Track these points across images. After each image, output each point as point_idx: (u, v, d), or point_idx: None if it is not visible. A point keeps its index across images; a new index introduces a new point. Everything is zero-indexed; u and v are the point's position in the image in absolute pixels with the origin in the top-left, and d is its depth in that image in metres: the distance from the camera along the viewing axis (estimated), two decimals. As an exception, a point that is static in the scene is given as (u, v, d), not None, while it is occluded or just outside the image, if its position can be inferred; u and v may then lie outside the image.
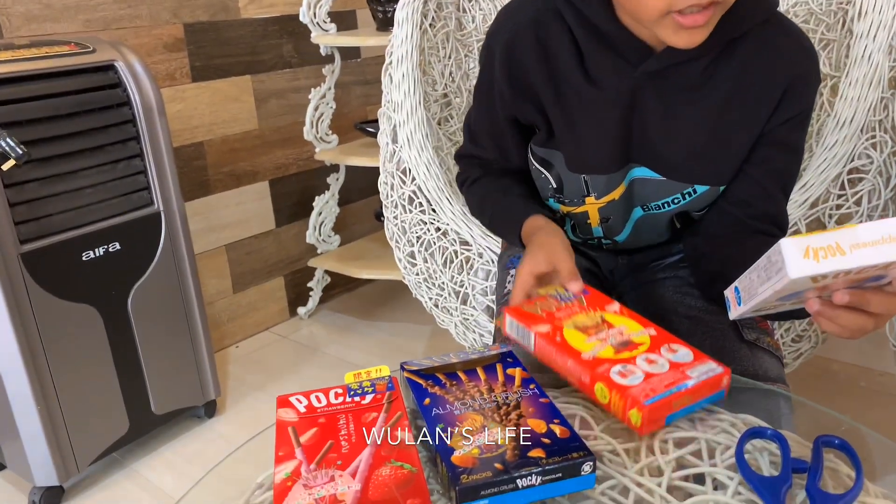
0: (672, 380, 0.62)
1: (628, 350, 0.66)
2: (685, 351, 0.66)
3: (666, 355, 0.65)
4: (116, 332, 1.50)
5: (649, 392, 0.60)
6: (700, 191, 0.83)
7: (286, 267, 2.21)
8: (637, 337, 0.68)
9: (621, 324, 0.70)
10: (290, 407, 0.65)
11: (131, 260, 1.51)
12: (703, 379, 0.62)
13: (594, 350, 0.66)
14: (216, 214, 1.99)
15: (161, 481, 1.54)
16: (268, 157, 2.09)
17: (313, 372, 1.96)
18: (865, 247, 0.49)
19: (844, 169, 1.16)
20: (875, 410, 1.63)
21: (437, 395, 0.64)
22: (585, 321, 0.71)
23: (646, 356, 0.65)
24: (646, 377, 0.62)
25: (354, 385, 0.67)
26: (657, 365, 0.64)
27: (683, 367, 0.63)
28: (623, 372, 0.63)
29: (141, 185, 1.52)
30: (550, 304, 0.74)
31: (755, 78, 0.77)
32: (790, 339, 1.20)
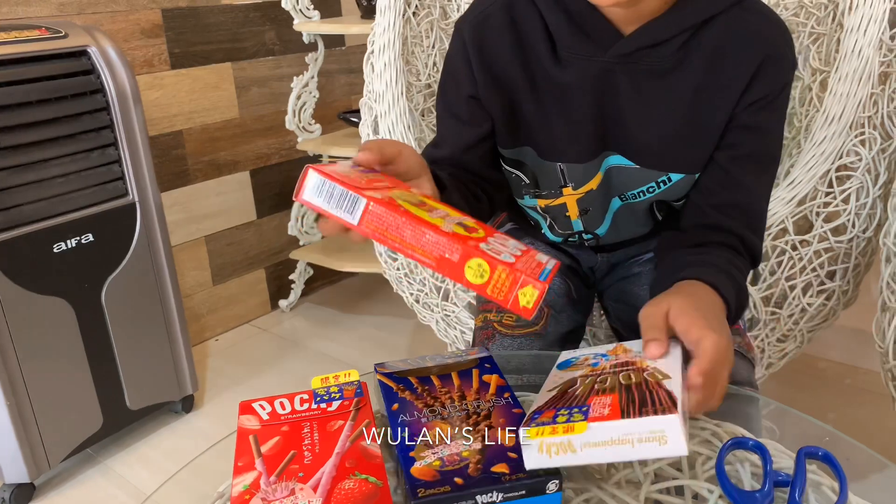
0: (537, 262, 0.54)
1: (473, 232, 0.56)
2: (513, 242, 0.57)
3: (505, 243, 0.56)
4: (89, 326, 1.46)
5: (535, 268, 0.53)
6: (675, 179, 0.81)
7: (267, 259, 2.17)
8: (468, 221, 0.58)
9: (440, 207, 0.59)
10: (252, 413, 0.62)
11: (105, 252, 1.47)
12: (554, 264, 0.57)
13: (446, 225, 0.54)
14: (195, 205, 1.95)
15: (136, 478, 1.51)
16: (249, 146, 2.05)
17: (294, 366, 1.93)
18: (596, 447, 0.49)
19: (833, 166, 1.14)
20: (860, 408, 1.62)
21: (407, 401, 0.62)
22: (408, 197, 0.57)
23: (494, 239, 0.56)
24: (514, 257, 0.54)
25: (321, 390, 0.64)
26: (508, 248, 0.55)
27: (526, 253, 0.56)
28: (493, 249, 0.53)
29: (115, 174, 1.47)
30: (355, 174, 0.57)
31: (727, 60, 0.74)
32: (775, 338, 1.19)
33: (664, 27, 0.73)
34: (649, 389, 0.53)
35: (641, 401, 0.51)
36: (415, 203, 0.56)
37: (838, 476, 0.56)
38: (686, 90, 0.76)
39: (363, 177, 0.57)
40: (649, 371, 0.56)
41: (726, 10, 0.74)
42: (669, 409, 0.49)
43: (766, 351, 1.19)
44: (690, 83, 0.75)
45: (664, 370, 0.56)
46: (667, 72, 0.75)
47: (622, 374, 0.57)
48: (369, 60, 1.35)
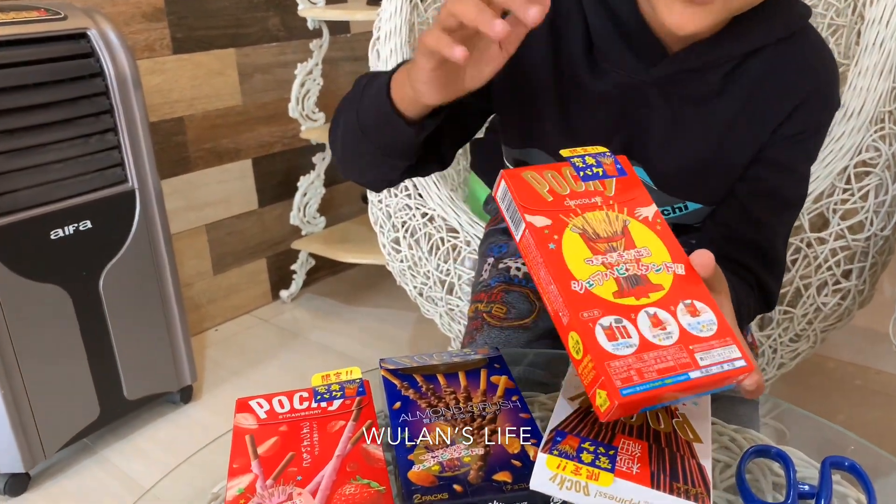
0: (673, 363, 0.46)
1: (636, 293, 0.49)
2: (710, 316, 0.49)
3: (682, 317, 0.49)
4: (87, 315, 1.43)
5: (633, 376, 0.45)
6: (691, 207, 0.77)
7: (269, 248, 2.15)
8: (657, 274, 0.51)
9: (645, 244, 0.52)
10: (249, 412, 0.59)
11: (103, 239, 1.44)
12: (714, 373, 0.46)
13: (592, 279, 0.50)
14: (196, 193, 1.92)
15: (132, 469, 1.48)
16: (251, 134, 2.01)
17: (295, 358, 1.90)
18: (612, 500, 0.46)
19: (851, 162, 1.10)
20: (871, 410, 1.59)
21: (410, 400, 0.59)
22: (601, 224, 0.53)
23: (655, 310, 0.48)
24: (640, 346, 0.46)
25: (322, 388, 0.61)
26: (664, 331, 0.48)
27: (697, 344, 0.47)
28: (613, 328, 0.47)
29: (114, 160, 1.44)
30: (565, 181, 0.55)
31: (770, 93, 0.70)
32: (788, 338, 1.16)
33: (712, 52, 0.67)
34: (680, 452, 0.50)
35: (672, 469, 0.48)
36: (595, 234, 0.52)
37: (866, 488, 0.53)
38: (721, 120, 0.71)
39: (576, 184, 0.56)
40: (679, 419, 0.53)
41: (778, 42, 0.69)
42: (702, 496, 0.46)
43: (777, 351, 1.16)
44: (727, 114, 0.71)
45: (693, 422, 0.53)
46: (705, 99, 0.71)
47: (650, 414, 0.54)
48: (375, 47, 1.32)
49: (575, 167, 0.56)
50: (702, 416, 0.55)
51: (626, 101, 0.71)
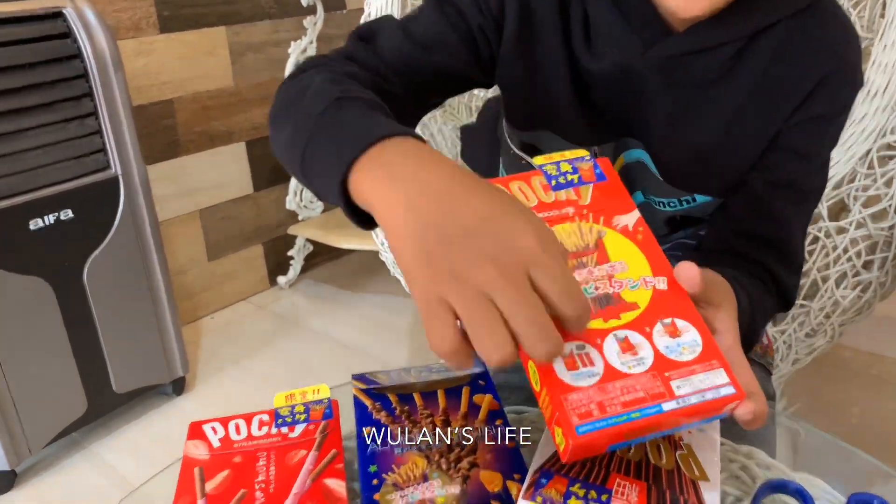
0: (643, 393, 0.40)
1: (605, 314, 0.43)
2: (693, 336, 0.42)
3: (659, 339, 0.42)
4: (71, 307, 1.38)
5: (593, 410, 0.39)
6: (700, 200, 0.70)
7: (265, 234, 2.09)
8: (632, 291, 0.44)
9: (622, 257, 0.46)
10: (201, 438, 0.53)
11: (86, 229, 1.39)
12: (693, 403, 0.40)
13: None
14: (188, 178, 1.86)
15: (122, 465, 1.44)
16: (244, 116, 1.94)
17: (293, 346, 1.85)
18: None
19: (874, 145, 1.02)
20: (888, 402, 1.53)
21: (382, 425, 0.53)
22: (571, 237, 0.47)
23: (626, 333, 0.42)
24: (604, 376, 0.40)
25: (284, 410, 0.55)
26: (634, 357, 0.41)
27: (675, 370, 0.41)
28: (574, 356, 0.41)
29: (96, 146, 1.38)
30: (533, 192, 0.49)
31: (785, 73, 0.62)
32: (804, 333, 1.09)
33: (719, 31, 0.60)
34: (684, 495, 0.44)
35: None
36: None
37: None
38: (730, 105, 0.64)
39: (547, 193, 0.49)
40: (683, 451, 0.47)
41: (792, 15, 0.61)
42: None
43: (792, 347, 1.09)
44: (737, 98, 0.63)
45: (700, 454, 0.47)
46: (712, 83, 0.63)
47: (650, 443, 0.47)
48: (365, 24, 1.24)
49: (546, 175, 0.50)
50: (710, 447, 0.48)
51: (626, 84, 0.64)
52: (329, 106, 0.52)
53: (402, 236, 0.40)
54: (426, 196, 0.41)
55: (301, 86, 0.57)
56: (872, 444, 1.39)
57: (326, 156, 0.49)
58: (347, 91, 0.54)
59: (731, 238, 0.67)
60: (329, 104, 0.52)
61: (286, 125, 0.55)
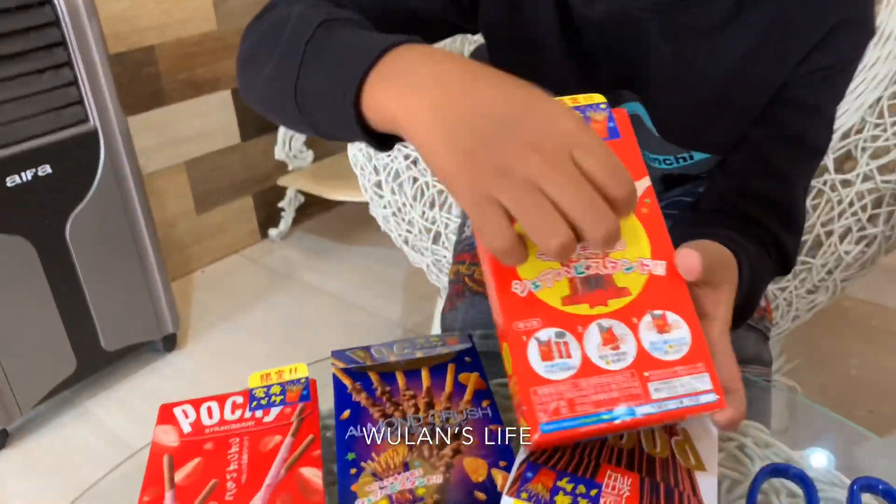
0: (617, 393, 0.37)
1: (591, 299, 0.40)
2: (682, 334, 0.39)
3: (645, 333, 0.39)
4: (54, 266, 1.35)
5: (562, 408, 0.37)
6: (697, 157, 0.65)
7: (255, 185, 2.04)
8: (626, 275, 0.41)
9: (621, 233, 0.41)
10: (172, 423, 0.50)
11: (66, 184, 1.34)
12: (670, 409, 0.37)
13: (540, 278, 0.40)
14: (173, 128, 1.80)
15: (114, 422, 1.43)
16: (230, 62, 1.87)
17: (286, 301, 1.83)
18: None
19: (885, 93, 0.97)
20: (888, 353, 1.51)
21: (361, 407, 0.50)
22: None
23: (611, 323, 0.39)
24: (580, 370, 0.38)
25: (260, 392, 0.52)
26: (615, 351, 0.39)
27: (657, 370, 0.38)
28: (552, 344, 0.39)
29: (72, 98, 1.33)
30: None
31: (793, 20, 0.57)
32: (804, 290, 1.06)
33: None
34: (679, 487, 0.41)
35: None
36: None
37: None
38: (733, 55, 0.59)
39: None
40: (679, 437, 0.44)
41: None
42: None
43: (793, 304, 1.07)
44: (741, 46, 0.58)
45: (697, 441, 0.44)
46: (714, 29, 0.58)
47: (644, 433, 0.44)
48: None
49: None
50: (707, 433, 0.46)
51: (620, 32, 0.59)
52: (316, 31, 0.48)
53: (434, 142, 0.38)
54: (450, 95, 0.39)
55: (275, 19, 0.52)
56: (871, 396, 1.38)
57: (328, 81, 0.45)
58: (332, 13, 0.50)
59: (732, 196, 0.63)
60: (316, 28, 0.48)
61: (266, 63, 0.51)
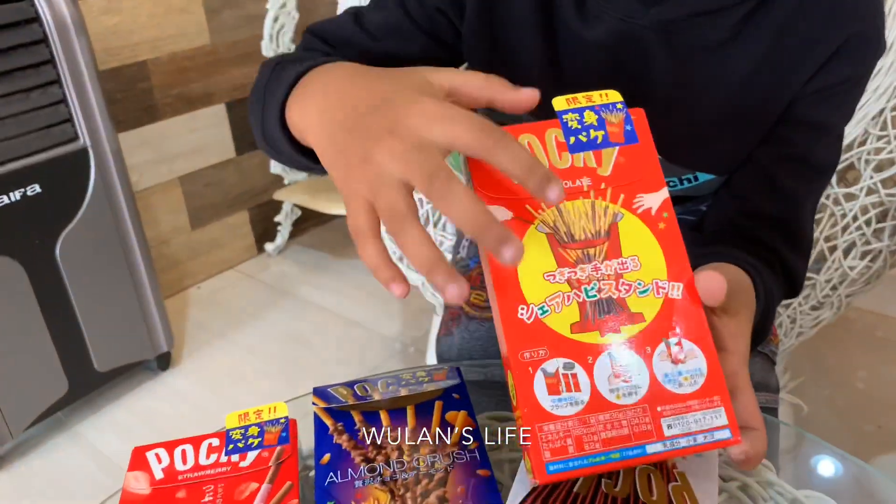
0: (628, 430, 0.35)
1: (603, 326, 0.37)
2: (698, 364, 0.37)
3: (659, 364, 0.37)
4: (45, 287, 1.33)
5: (570, 446, 0.35)
6: (703, 179, 0.63)
7: (250, 199, 2.02)
8: (640, 298, 0.38)
9: (636, 251, 0.39)
10: (143, 469, 0.48)
11: (56, 204, 1.32)
12: (682, 447, 0.35)
13: (548, 302, 0.38)
14: (167, 143, 1.78)
15: (108, 444, 1.41)
16: (223, 76, 1.85)
17: (283, 317, 1.80)
18: None
19: (888, 104, 0.95)
20: (894, 364, 1.48)
21: (343, 450, 0.47)
22: (581, 220, 0.40)
23: (624, 353, 0.37)
24: (589, 405, 0.36)
25: (237, 434, 0.50)
26: (628, 384, 0.36)
27: (670, 405, 0.36)
28: (560, 376, 0.36)
29: (61, 116, 1.31)
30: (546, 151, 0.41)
31: (800, 36, 0.55)
32: (809, 307, 1.03)
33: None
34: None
35: None
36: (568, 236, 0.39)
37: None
38: (738, 72, 0.57)
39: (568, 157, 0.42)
40: (677, 482, 0.41)
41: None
42: None
43: (797, 321, 1.04)
44: (746, 64, 0.56)
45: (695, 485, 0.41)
46: (719, 47, 0.56)
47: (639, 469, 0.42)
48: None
49: (565, 128, 0.41)
50: (707, 475, 0.43)
51: (622, 51, 0.57)
52: (271, 74, 0.51)
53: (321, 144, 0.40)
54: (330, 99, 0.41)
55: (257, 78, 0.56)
56: (879, 410, 1.36)
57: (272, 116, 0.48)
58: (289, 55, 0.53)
59: (737, 218, 0.61)
60: (271, 72, 0.52)
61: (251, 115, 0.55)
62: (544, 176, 0.34)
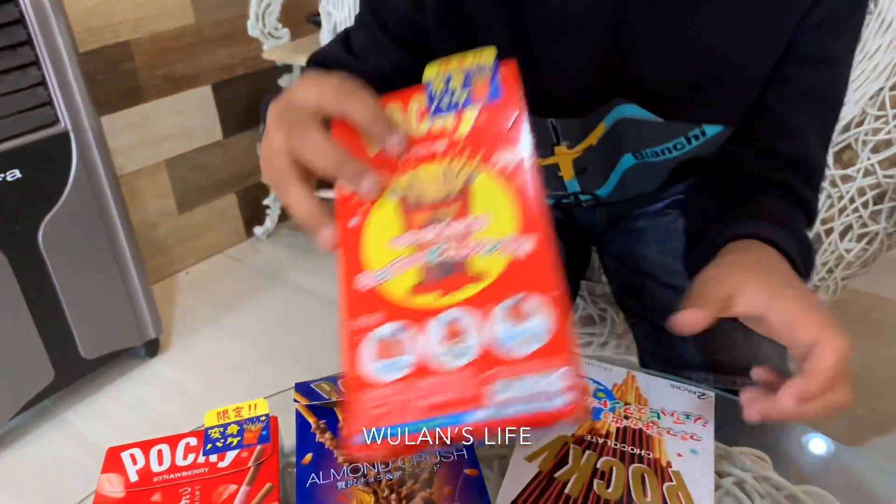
0: (454, 394, 0.32)
1: (443, 287, 0.36)
2: (541, 321, 0.33)
3: (498, 324, 0.34)
4: (27, 274, 1.30)
5: (385, 415, 0.33)
6: (710, 133, 0.62)
7: (238, 182, 1.99)
8: (486, 257, 0.36)
9: (488, 208, 0.37)
10: (118, 471, 0.46)
11: (37, 189, 1.29)
12: (509, 414, 0.32)
13: (388, 269, 0.37)
14: (152, 126, 1.74)
15: (95, 433, 1.39)
16: (209, 56, 1.81)
17: (272, 301, 1.78)
18: None
19: (887, 84, 0.93)
20: (889, 346, 1.47)
21: (325, 450, 0.46)
22: (433, 183, 0.39)
23: (460, 313, 0.35)
24: (416, 369, 0.34)
25: (216, 433, 0.48)
26: (460, 345, 0.34)
27: (503, 366, 0.33)
28: (391, 341, 0.35)
29: (41, 99, 1.27)
30: (407, 118, 0.41)
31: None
32: (804, 290, 1.02)
33: None
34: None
35: None
36: (418, 200, 0.38)
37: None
38: (729, 17, 0.55)
39: (423, 120, 0.41)
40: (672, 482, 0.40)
41: None
42: None
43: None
44: (737, 7, 0.55)
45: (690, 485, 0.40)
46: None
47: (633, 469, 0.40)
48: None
49: (430, 95, 0.40)
50: (702, 474, 0.42)
51: (604, 20, 0.55)
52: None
53: None
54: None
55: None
56: (872, 392, 1.35)
57: None
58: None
59: (754, 162, 0.61)
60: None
61: None
62: (355, 172, 0.38)
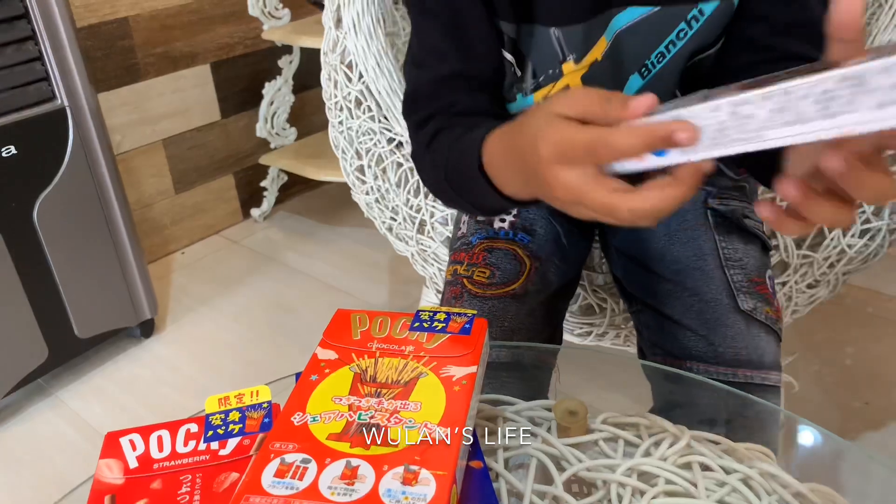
0: None
1: (358, 441, 0.41)
2: (426, 491, 0.38)
3: (388, 481, 0.38)
4: (22, 252, 1.29)
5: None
6: (709, 10, 0.61)
7: (236, 163, 1.97)
8: (405, 430, 0.42)
9: (422, 398, 0.44)
10: (117, 456, 0.45)
11: (33, 166, 1.28)
12: None
13: (322, 415, 0.43)
14: (150, 104, 1.72)
15: (88, 412, 1.38)
16: (208, 35, 1.79)
17: (268, 284, 1.77)
18: None
19: None
20: (882, 341, 1.48)
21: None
22: (388, 370, 0.47)
23: (360, 463, 0.40)
24: (302, 492, 0.38)
25: (216, 419, 0.47)
26: (347, 486, 0.38)
27: None
28: (293, 466, 0.39)
29: (38, 74, 1.25)
30: (389, 328, 0.51)
31: None
32: (805, 284, 1.01)
33: None
34: None
35: None
36: (372, 381, 0.46)
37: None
38: None
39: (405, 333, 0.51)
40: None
41: None
42: None
43: (793, 298, 1.02)
44: None
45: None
46: None
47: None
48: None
49: (418, 320, 0.51)
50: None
51: None
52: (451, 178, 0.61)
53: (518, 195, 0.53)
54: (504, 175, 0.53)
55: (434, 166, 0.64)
56: (866, 386, 1.35)
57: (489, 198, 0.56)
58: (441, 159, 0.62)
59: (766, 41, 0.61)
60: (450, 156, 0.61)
61: (448, 201, 0.72)
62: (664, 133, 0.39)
